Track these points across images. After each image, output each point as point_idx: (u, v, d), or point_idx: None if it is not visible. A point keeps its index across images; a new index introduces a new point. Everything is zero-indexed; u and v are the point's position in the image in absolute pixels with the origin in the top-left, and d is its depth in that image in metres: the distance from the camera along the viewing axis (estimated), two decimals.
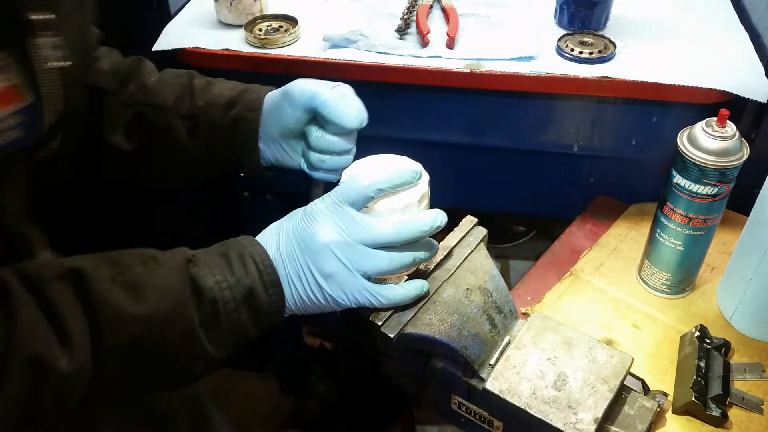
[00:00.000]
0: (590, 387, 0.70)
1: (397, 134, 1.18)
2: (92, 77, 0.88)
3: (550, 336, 0.75)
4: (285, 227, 0.70)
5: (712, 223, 0.91)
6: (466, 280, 0.75)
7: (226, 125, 0.85)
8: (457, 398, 0.76)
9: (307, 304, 0.69)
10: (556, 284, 1.02)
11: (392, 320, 0.70)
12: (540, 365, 0.73)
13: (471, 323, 0.72)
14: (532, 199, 1.27)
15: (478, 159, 1.22)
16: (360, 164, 0.71)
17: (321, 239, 0.67)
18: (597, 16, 1.15)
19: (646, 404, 0.73)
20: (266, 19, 1.17)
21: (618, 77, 1.04)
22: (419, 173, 0.69)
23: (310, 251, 0.67)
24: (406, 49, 1.11)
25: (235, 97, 0.86)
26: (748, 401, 0.85)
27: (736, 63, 1.06)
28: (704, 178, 0.85)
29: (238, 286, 0.65)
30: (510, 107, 1.12)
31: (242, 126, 0.85)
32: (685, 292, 1.00)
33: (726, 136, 0.84)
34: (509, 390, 0.70)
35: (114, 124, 0.88)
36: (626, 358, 0.73)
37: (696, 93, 1.02)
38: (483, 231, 0.80)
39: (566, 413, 0.68)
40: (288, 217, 0.72)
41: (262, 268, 0.67)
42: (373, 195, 0.67)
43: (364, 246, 0.66)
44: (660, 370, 0.90)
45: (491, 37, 1.14)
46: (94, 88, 0.87)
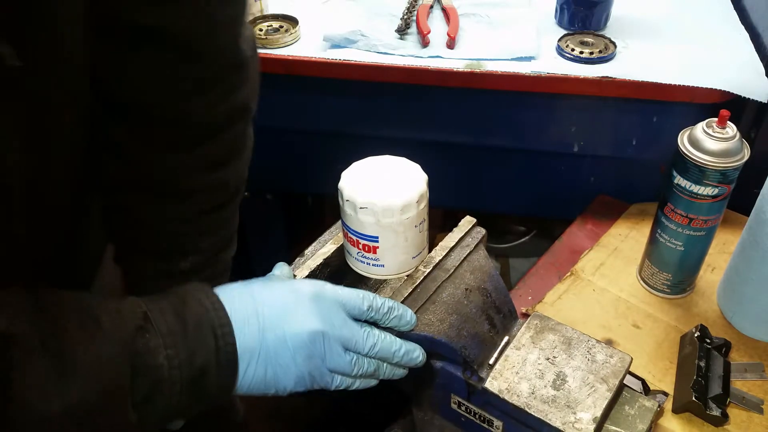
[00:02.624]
0: (589, 386, 0.70)
1: (397, 134, 1.18)
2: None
3: (549, 335, 0.75)
4: (262, 300, 0.60)
5: (713, 224, 0.91)
6: (465, 280, 0.75)
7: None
8: (456, 398, 0.76)
9: (258, 387, 0.60)
10: (557, 284, 1.02)
11: None
12: (539, 365, 0.72)
13: (470, 323, 0.72)
14: (533, 199, 1.27)
15: (478, 159, 1.22)
16: (359, 165, 0.71)
17: (309, 327, 0.60)
18: (597, 16, 1.15)
19: (646, 404, 0.73)
20: (266, 19, 1.17)
21: (618, 77, 1.04)
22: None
23: (296, 340, 0.60)
24: (406, 49, 1.11)
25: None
26: (748, 401, 0.85)
27: (736, 63, 1.06)
28: (705, 179, 0.85)
29: (190, 366, 0.55)
30: (510, 107, 1.12)
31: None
32: (685, 292, 1.00)
33: (726, 137, 0.84)
34: (508, 389, 0.70)
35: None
36: (625, 358, 0.73)
37: (696, 93, 1.02)
38: (482, 231, 0.80)
39: (565, 413, 0.68)
40: (264, 284, 0.63)
41: (221, 344, 0.56)
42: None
43: (340, 345, 0.62)
44: (660, 369, 0.90)
45: (491, 37, 1.14)
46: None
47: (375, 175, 0.69)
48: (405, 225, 0.68)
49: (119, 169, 0.69)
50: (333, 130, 1.22)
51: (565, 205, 1.23)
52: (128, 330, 0.53)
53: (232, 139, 0.70)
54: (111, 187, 0.71)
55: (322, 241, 0.77)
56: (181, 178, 0.68)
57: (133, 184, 0.69)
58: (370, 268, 0.72)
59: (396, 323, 0.66)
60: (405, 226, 0.68)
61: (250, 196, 1.38)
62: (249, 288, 0.61)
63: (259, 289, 0.62)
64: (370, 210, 0.66)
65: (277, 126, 1.23)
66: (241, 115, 0.69)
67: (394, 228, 0.67)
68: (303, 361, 0.60)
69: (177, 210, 0.68)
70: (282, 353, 0.59)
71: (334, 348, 0.61)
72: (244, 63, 0.67)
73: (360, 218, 0.67)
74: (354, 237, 0.69)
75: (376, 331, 0.65)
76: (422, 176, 0.69)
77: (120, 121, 0.66)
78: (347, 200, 0.67)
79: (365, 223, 0.67)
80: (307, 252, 0.76)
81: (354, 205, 0.67)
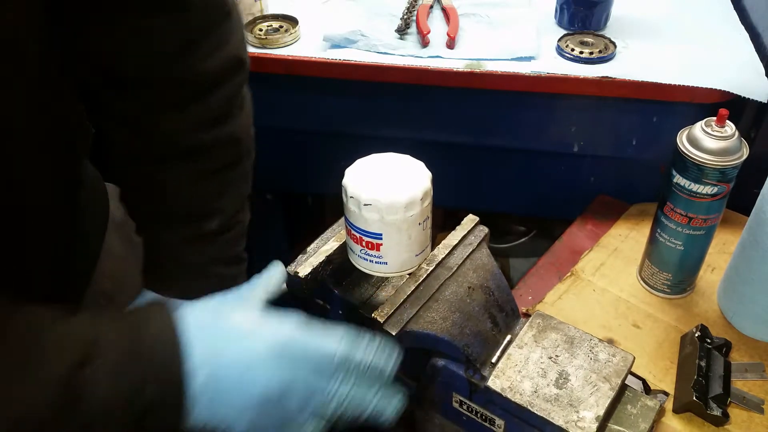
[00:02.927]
0: (592, 385, 0.70)
1: (397, 134, 1.18)
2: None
3: (552, 334, 0.75)
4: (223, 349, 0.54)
5: (713, 223, 0.91)
6: (468, 278, 0.74)
7: None
8: (458, 396, 0.75)
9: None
10: (557, 284, 1.02)
11: (394, 318, 0.69)
12: (542, 363, 0.72)
13: (473, 321, 0.72)
14: (533, 199, 1.27)
15: (478, 159, 1.22)
16: (362, 163, 0.71)
17: (264, 386, 0.54)
18: (597, 16, 1.15)
19: (648, 403, 0.73)
20: (266, 19, 1.17)
21: (618, 77, 1.04)
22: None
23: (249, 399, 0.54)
24: (406, 49, 1.11)
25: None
26: (748, 401, 0.85)
27: (736, 63, 1.07)
28: (704, 177, 0.85)
29: (132, 409, 0.50)
30: (510, 107, 1.12)
31: None
32: (685, 292, 1.00)
33: (725, 135, 0.84)
34: (511, 388, 0.70)
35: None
36: (627, 357, 0.73)
37: (696, 93, 1.02)
38: (484, 230, 0.80)
39: (568, 411, 0.68)
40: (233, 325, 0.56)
41: (170, 385, 0.51)
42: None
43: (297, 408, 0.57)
44: (661, 369, 0.90)
45: (491, 37, 1.14)
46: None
47: (379, 172, 0.69)
48: (409, 222, 0.68)
49: (126, 139, 0.68)
50: (333, 130, 1.22)
51: (565, 205, 1.23)
52: (67, 367, 0.48)
53: (232, 91, 0.69)
54: (123, 159, 0.71)
55: (325, 238, 0.77)
56: (189, 136, 0.67)
57: (144, 151, 0.68)
58: (373, 265, 0.71)
59: (375, 374, 0.58)
60: (409, 223, 0.68)
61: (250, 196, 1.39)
62: (216, 326, 0.55)
63: (226, 331, 0.55)
64: (374, 207, 0.66)
65: (277, 126, 1.23)
66: (236, 66, 0.69)
67: (398, 225, 0.67)
68: (255, 418, 0.54)
69: (192, 170, 0.68)
70: (233, 405, 0.53)
71: (288, 412, 0.56)
72: (229, 11, 0.67)
73: (364, 215, 0.67)
74: (357, 234, 0.69)
75: (344, 390, 0.56)
76: (426, 174, 0.69)
77: (119, 90, 0.66)
78: (351, 197, 0.67)
79: (369, 219, 0.67)
80: (310, 249, 0.76)
81: (358, 201, 0.66)
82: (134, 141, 0.68)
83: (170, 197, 0.70)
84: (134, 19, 0.61)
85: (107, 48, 0.63)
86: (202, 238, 0.70)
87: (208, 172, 0.69)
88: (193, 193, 0.69)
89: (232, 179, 0.71)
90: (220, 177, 0.70)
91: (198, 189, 0.69)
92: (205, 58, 0.65)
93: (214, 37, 0.66)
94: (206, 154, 0.68)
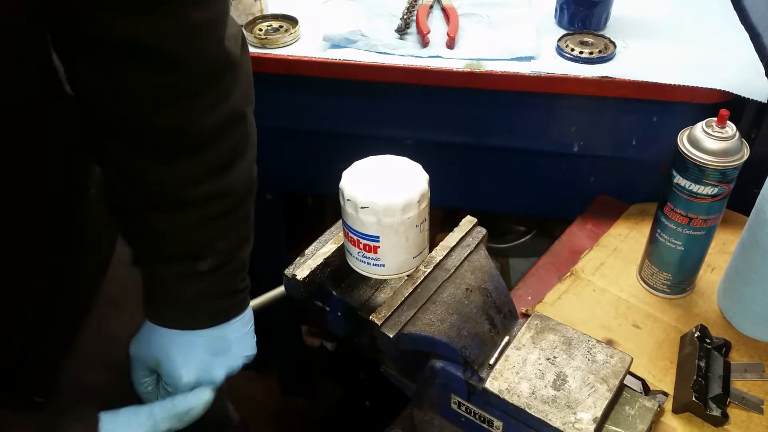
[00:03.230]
0: (589, 387, 0.70)
1: (397, 134, 1.18)
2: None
3: (550, 336, 0.75)
4: None
5: (713, 223, 0.91)
6: (466, 280, 0.75)
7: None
8: (456, 398, 0.76)
9: None
10: (557, 284, 1.02)
11: (392, 320, 0.69)
12: (539, 365, 0.72)
13: (470, 323, 0.72)
14: (533, 199, 1.27)
15: (478, 159, 1.22)
16: (359, 165, 0.71)
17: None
18: (597, 16, 1.15)
19: (646, 404, 0.73)
20: (266, 19, 1.17)
21: (618, 77, 1.04)
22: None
23: None
24: (406, 49, 1.11)
25: None
26: (748, 401, 0.85)
27: (736, 63, 1.06)
28: (704, 178, 0.85)
29: None
30: (510, 107, 1.12)
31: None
32: (685, 292, 1.00)
33: (726, 136, 0.84)
34: (509, 390, 0.70)
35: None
36: (625, 358, 0.73)
37: (696, 93, 1.02)
38: (482, 231, 0.80)
39: (565, 413, 0.68)
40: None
41: None
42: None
43: None
44: (660, 369, 0.90)
45: (491, 37, 1.14)
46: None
47: (376, 174, 0.69)
48: (406, 225, 0.68)
49: (120, 184, 0.67)
50: (333, 130, 1.22)
51: (565, 205, 1.23)
52: None
53: (231, 144, 0.67)
54: (117, 202, 0.70)
55: (323, 240, 0.77)
56: (183, 188, 0.66)
57: (136, 197, 0.67)
58: (370, 267, 0.72)
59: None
60: (406, 225, 0.68)
61: None
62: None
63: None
64: (371, 209, 0.66)
65: (277, 126, 1.23)
66: (236, 120, 0.67)
67: (395, 228, 0.67)
68: None
69: (186, 219, 0.67)
70: None
71: None
72: (231, 65, 0.64)
73: (361, 218, 0.67)
74: (355, 237, 0.69)
75: None
76: (423, 176, 0.69)
77: (113, 137, 0.64)
78: (348, 200, 0.67)
79: (366, 222, 0.67)
80: (308, 252, 0.76)
81: (355, 204, 0.66)
82: (127, 186, 0.67)
83: (163, 240, 0.69)
84: (123, 66, 0.58)
85: (100, 92, 0.61)
86: (195, 275, 0.70)
87: (202, 221, 0.68)
88: (187, 238, 0.68)
89: (229, 225, 0.70)
90: (215, 224, 0.69)
91: (191, 235, 0.68)
92: (202, 114, 0.63)
93: (212, 92, 0.63)
94: (201, 205, 0.67)
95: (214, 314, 0.72)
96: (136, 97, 0.61)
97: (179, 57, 0.59)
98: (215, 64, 0.63)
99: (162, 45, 0.58)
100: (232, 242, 0.71)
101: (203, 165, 0.66)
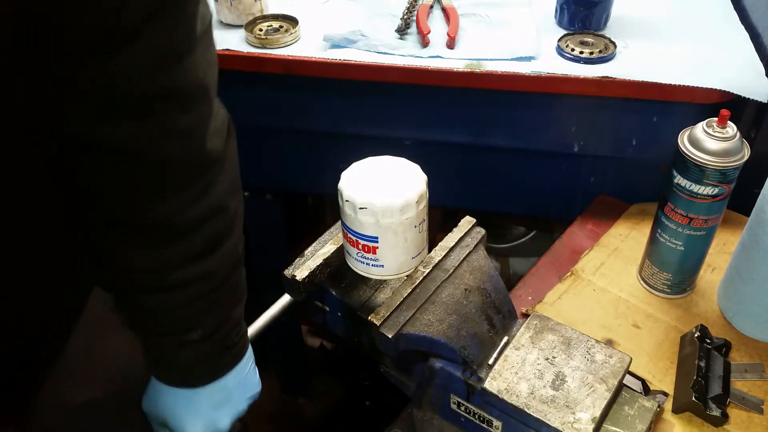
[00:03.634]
0: (588, 387, 0.70)
1: (397, 134, 1.18)
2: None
3: (549, 336, 0.75)
4: None
5: (713, 224, 0.91)
6: (465, 280, 0.75)
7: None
8: (456, 398, 0.76)
9: None
10: (557, 284, 1.02)
11: (391, 320, 0.70)
12: (538, 365, 0.73)
13: (469, 323, 0.72)
14: (533, 199, 1.27)
15: (478, 159, 1.22)
16: (358, 166, 0.71)
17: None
18: (597, 16, 1.15)
19: (645, 404, 0.73)
20: (266, 19, 1.17)
21: (618, 77, 1.04)
22: None
23: None
24: (406, 49, 1.11)
25: None
26: (748, 401, 0.85)
27: (736, 63, 1.06)
28: (705, 178, 0.85)
29: None
30: (510, 107, 1.12)
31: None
32: (685, 292, 1.00)
33: (727, 136, 0.84)
34: (507, 390, 0.70)
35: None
36: (624, 358, 0.73)
37: (696, 93, 1.02)
38: (481, 231, 0.80)
39: (564, 413, 0.68)
40: None
41: None
42: None
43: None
44: (660, 369, 0.90)
45: (491, 37, 1.14)
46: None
47: (375, 175, 0.69)
48: (404, 225, 0.68)
49: (106, 267, 0.67)
50: (333, 130, 1.22)
51: (565, 205, 1.23)
52: None
53: (213, 232, 0.66)
54: (103, 281, 0.70)
55: (322, 241, 0.77)
56: (166, 273, 0.66)
57: (123, 280, 0.67)
58: (369, 268, 0.72)
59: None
60: (404, 226, 0.68)
61: (250, 196, 1.39)
62: None
63: None
64: (369, 210, 0.66)
65: (277, 126, 1.23)
66: (218, 212, 0.66)
67: (394, 228, 0.68)
68: None
69: (173, 299, 0.67)
70: None
71: None
72: (215, 162, 0.63)
73: (359, 218, 0.67)
74: (354, 237, 0.69)
75: None
76: (422, 176, 0.69)
77: (92, 221, 0.64)
78: (347, 200, 0.67)
79: (365, 223, 0.67)
80: (307, 252, 0.76)
81: (353, 205, 0.67)
82: (109, 268, 0.67)
83: (152, 317, 0.69)
84: (109, 169, 0.59)
85: (82, 182, 0.61)
86: (189, 344, 0.70)
87: (188, 300, 0.67)
88: (175, 316, 0.68)
89: (216, 299, 0.69)
90: (203, 300, 0.68)
91: (180, 312, 0.68)
92: (184, 207, 0.63)
93: (195, 188, 0.63)
94: (185, 287, 0.66)
95: (213, 372, 0.73)
96: (116, 191, 0.61)
97: (163, 159, 0.59)
98: (199, 163, 0.62)
99: (145, 148, 0.58)
100: (223, 311, 0.71)
101: (184, 252, 0.65)
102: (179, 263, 0.65)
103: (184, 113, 0.58)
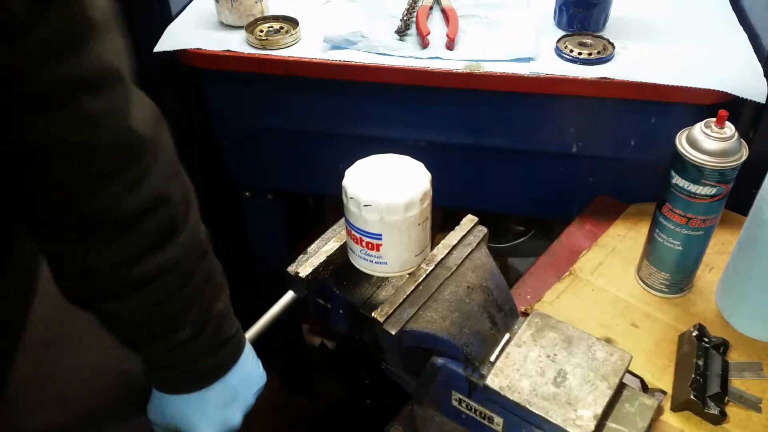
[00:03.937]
0: (590, 384, 0.71)
1: (397, 135, 1.19)
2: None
3: (550, 333, 0.76)
4: None
5: (711, 224, 0.91)
6: (467, 278, 0.75)
7: None
8: (457, 395, 0.76)
9: None
10: (556, 284, 1.03)
11: (394, 317, 0.70)
12: (540, 362, 0.73)
13: (472, 321, 0.73)
14: (532, 199, 1.27)
15: (478, 159, 1.22)
16: (362, 164, 0.72)
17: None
18: (596, 18, 1.16)
19: (646, 402, 0.74)
20: (267, 20, 1.18)
21: (617, 78, 1.04)
22: None
23: None
24: (406, 50, 1.11)
25: None
26: (746, 400, 0.85)
27: (734, 63, 1.07)
28: (703, 178, 0.86)
29: None
30: (509, 108, 1.13)
31: None
32: (683, 291, 1.00)
33: (725, 137, 0.84)
34: (509, 386, 0.71)
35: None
36: (625, 356, 0.74)
37: (695, 93, 1.03)
38: (483, 230, 0.80)
39: (566, 410, 0.69)
40: None
41: None
42: None
43: None
44: (659, 368, 0.90)
45: (491, 38, 1.14)
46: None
47: (379, 172, 0.70)
48: (408, 223, 0.68)
49: (63, 276, 0.65)
50: (333, 130, 1.22)
51: (564, 206, 1.24)
52: None
53: (158, 224, 0.64)
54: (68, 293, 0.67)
55: (325, 238, 0.78)
56: (121, 271, 0.63)
57: (84, 286, 0.65)
58: (373, 265, 0.72)
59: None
60: (408, 223, 0.68)
61: (250, 196, 1.39)
62: None
63: None
64: (374, 207, 0.67)
65: (277, 126, 1.23)
66: (157, 204, 0.63)
67: (398, 226, 0.68)
68: None
69: (142, 299, 0.65)
70: None
71: None
72: (144, 147, 0.61)
73: (364, 216, 0.68)
74: (357, 234, 0.70)
75: None
76: (426, 174, 0.70)
77: (35, 225, 0.63)
78: (351, 198, 0.68)
79: (369, 220, 0.68)
80: (310, 249, 0.77)
81: (358, 202, 0.67)
82: (66, 276, 0.65)
83: (132, 325, 0.67)
84: (32, 164, 0.57)
85: (10, 184, 0.59)
86: (179, 345, 0.69)
87: (160, 298, 0.66)
88: (153, 318, 0.67)
89: (191, 293, 0.67)
90: (176, 298, 0.66)
91: (157, 313, 0.67)
92: (117, 200, 0.60)
93: (129, 175, 0.60)
94: (147, 284, 0.64)
95: (213, 370, 0.72)
96: (48, 187, 0.59)
97: (87, 146, 0.57)
98: (126, 147, 0.60)
99: (67, 137, 0.56)
100: (204, 305, 0.70)
101: (134, 246, 0.63)
102: (134, 258, 0.63)
103: (97, 98, 0.56)
